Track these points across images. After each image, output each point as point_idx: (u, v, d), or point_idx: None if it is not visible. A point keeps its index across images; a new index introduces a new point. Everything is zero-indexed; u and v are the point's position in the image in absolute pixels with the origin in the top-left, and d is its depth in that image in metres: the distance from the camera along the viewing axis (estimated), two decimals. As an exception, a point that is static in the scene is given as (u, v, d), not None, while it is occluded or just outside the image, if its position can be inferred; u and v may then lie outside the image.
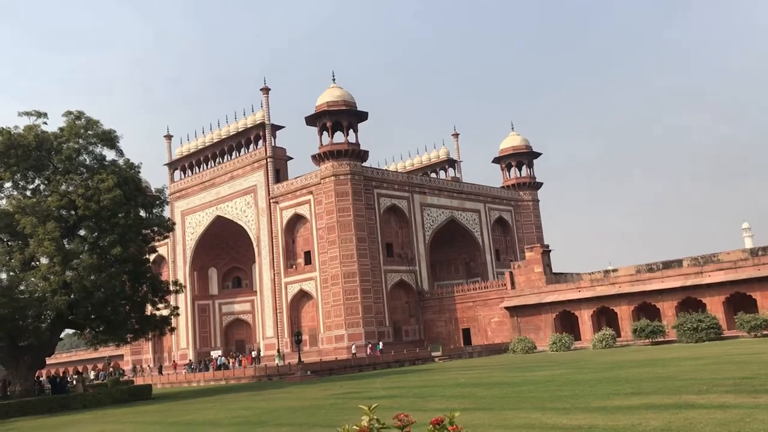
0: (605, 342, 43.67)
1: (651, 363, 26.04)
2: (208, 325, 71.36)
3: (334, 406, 19.92)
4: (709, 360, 24.57)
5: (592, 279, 51.06)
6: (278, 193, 63.43)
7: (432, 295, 62.19)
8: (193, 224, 71.35)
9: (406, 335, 60.42)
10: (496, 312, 56.14)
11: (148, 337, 44.53)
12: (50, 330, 32.26)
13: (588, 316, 48.89)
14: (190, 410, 24.00)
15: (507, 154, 74.78)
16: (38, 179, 33.62)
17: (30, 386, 32.34)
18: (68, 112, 33.60)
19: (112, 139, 33.96)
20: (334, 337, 56.50)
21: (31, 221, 29.88)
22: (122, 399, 31.85)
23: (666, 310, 45.31)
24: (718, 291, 43.53)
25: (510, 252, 72.04)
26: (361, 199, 58.77)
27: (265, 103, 65.41)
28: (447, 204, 67.55)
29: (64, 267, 30.35)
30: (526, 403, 15.77)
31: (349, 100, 59.74)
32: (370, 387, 26.60)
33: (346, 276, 56.70)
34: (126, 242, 32.10)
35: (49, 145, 32.46)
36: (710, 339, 39.12)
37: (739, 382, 15.89)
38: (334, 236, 57.56)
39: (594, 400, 15.16)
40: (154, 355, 73.88)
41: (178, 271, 70.99)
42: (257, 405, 23.25)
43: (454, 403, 17.22)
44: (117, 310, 32.46)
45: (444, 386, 24.14)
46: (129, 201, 32.87)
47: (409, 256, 62.56)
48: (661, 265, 48.16)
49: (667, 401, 13.63)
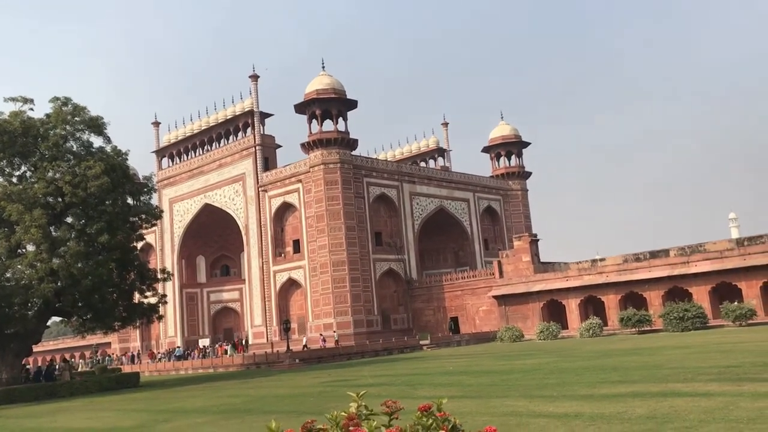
0: (592, 331, 43.96)
1: (637, 352, 26.26)
2: (197, 313, 71.28)
3: (322, 393, 19.98)
4: (694, 349, 24.81)
5: (580, 268, 51.31)
6: (267, 182, 63.23)
7: (421, 283, 62.33)
8: (181, 212, 71.06)
9: (395, 324, 60.59)
10: (484, 301, 56.36)
11: (136, 325, 44.45)
12: (37, 318, 32.11)
13: (575, 305, 49.20)
14: (178, 398, 24.00)
15: (496, 143, 74.82)
16: (25, 166, 33.31)
17: (17, 374, 32.19)
18: (55, 98, 33.26)
19: (100, 125, 33.69)
20: (322, 326, 56.54)
21: (17, 208, 29.64)
22: (110, 387, 31.77)
23: (653, 299, 45.65)
24: (705, 281, 43.90)
25: (498, 241, 72.25)
26: (351, 188, 58.70)
27: (253, 90, 65.04)
28: (436, 193, 67.60)
29: (51, 254, 30.16)
30: (513, 391, 15.88)
31: (338, 88, 59.53)
32: (358, 375, 26.69)
33: (335, 264, 56.72)
34: (113, 230, 31.91)
35: (36, 131, 32.14)
36: (696, 328, 39.46)
37: (723, 371, 16.07)
38: (323, 225, 57.50)
39: (580, 388, 15.29)
40: (142, 342, 73.68)
41: (166, 259, 70.75)
42: (245, 393, 23.27)
43: (442, 390, 17.32)
44: (104, 297, 32.31)
45: (432, 374, 24.27)
46: (116, 188, 32.64)
47: (398, 244, 62.63)
48: (648, 254, 48.44)
49: (653, 389, 13.77)
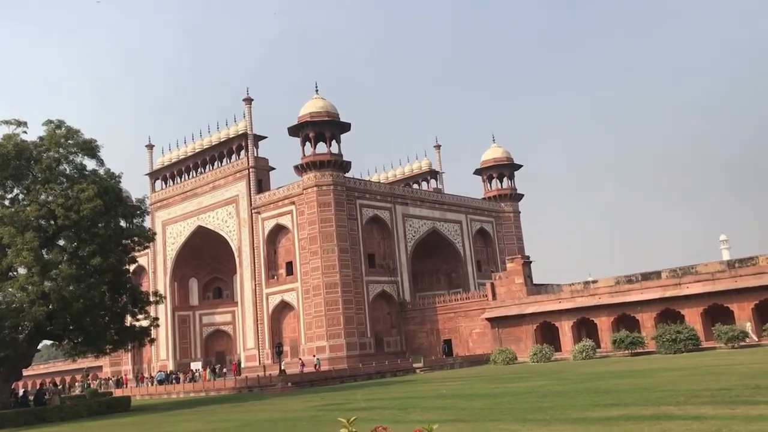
0: (585, 353, 43.93)
1: (630, 374, 26.26)
2: (189, 336, 70.77)
3: (314, 418, 19.87)
4: (687, 371, 24.83)
5: (573, 290, 51.38)
6: (260, 204, 63.27)
7: (414, 306, 62.22)
8: (174, 234, 70.90)
9: (388, 346, 60.35)
10: (478, 323, 56.26)
11: (128, 348, 44.08)
12: (28, 341, 31.80)
13: (568, 327, 49.18)
14: (169, 422, 23.81)
15: (488, 165, 75.24)
16: (17, 188, 33.17)
17: (5, 398, 31.83)
18: (48, 121, 33.29)
19: (93, 148, 33.68)
20: (315, 348, 56.25)
21: (9, 231, 29.53)
22: (100, 411, 31.45)
23: (645, 321, 45.70)
24: (696, 302, 44.00)
25: (491, 263, 72.33)
26: (344, 210, 58.78)
27: (247, 113, 65.37)
28: (429, 215, 67.76)
29: (43, 277, 29.98)
30: (506, 415, 15.85)
31: (331, 111, 59.86)
32: (351, 399, 26.54)
33: (328, 287, 56.59)
34: (106, 252, 31.79)
35: (29, 154, 32.10)
36: (688, 350, 39.48)
37: (716, 394, 16.09)
38: (316, 247, 57.46)
39: (574, 411, 15.28)
40: (133, 366, 73.06)
41: (158, 282, 70.44)
42: (237, 417, 23.12)
43: (435, 414, 17.27)
44: (96, 320, 32.10)
45: (425, 398, 24.18)
46: (109, 211, 32.56)
47: (391, 266, 62.59)
48: (640, 276, 48.59)
49: (646, 412, 13.79)
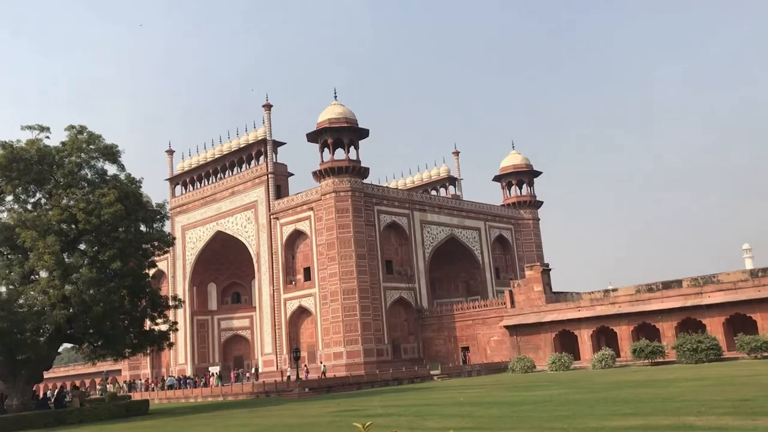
0: (604, 362, 43.52)
1: (650, 384, 25.96)
2: (207, 340, 71.16)
3: (331, 423, 19.85)
4: (708, 381, 24.50)
5: (592, 298, 50.95)
6: (279, 209, 63.53)
7: (431, 313, 62.06)
8: (194, 239, 71.40)
9: (405, 353, 60.22)
10: (496, 331, 55.98)
11: (147, 352, 44.40)
12: (48, 344, 32.18)
13: (587, 336, 48.75)
14: (187, 426, 23.92)
15: (507, 172, 74.97)
16: (39, 193, 33.66)
17: (27, 400, 32.18)
18: (71, 126, 33.75)
19: (114, 153, 34.09)
20: (332, 354, 56.31)
21: (31, 235, 29.92)
22: (119, 414, 31.66)
23: (665, 330, 45.18)
24: (718, 312, 43.43)
25: (510, 270, 71.97)
26: (361, 216, 58.86)
27: (267, 119, 65.74)
28: (447, 222, 67.62)
29: (64, 281, 30.32)
30: (524, 423, 15.73)
31: (350, 117, 60.05)
32: (368, 405, 26.50)
33: (346, 293, 56.64)
34: (126, 257, 32.11)
35: (51, 159, 32.59)
36: (710, 360, 38.98)
37: (737, 404, 15.86)
38: (334, 252, 57.57)
39: (592, 420, 15.13)
40: (152, 370, 73.59)
41: (177, 286, 70.94)
42: (254, 422, 23.16)
43: (452, 422, 17.17)
44: (116, 324, 32.39)
45: (442, 405, 24.07)
46: (129, 215, 32.90)
47: (409, 273, 62.52)
48: (660, 285, 48.07)
49: (665, 422, 13.61)
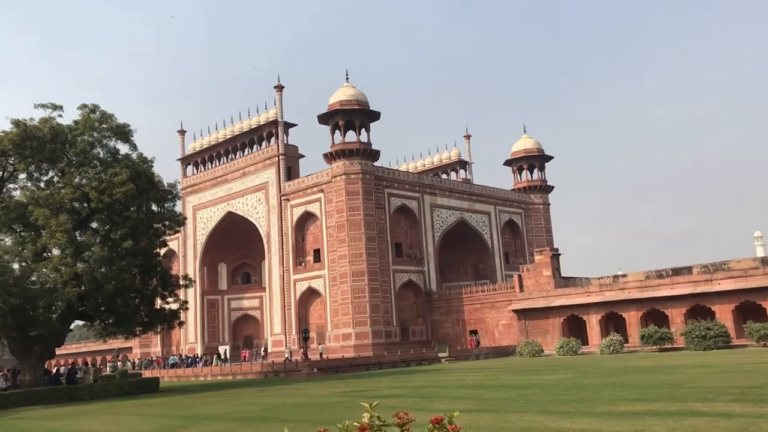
0: (613, 347, 43.55)
1: (658, 370, 25.99)
2: (217, 320, 71.73)
3: (339, 403, 20.03)
4: (716, 368, 24.50)
5: (601, 284, 50.87)
6: (289, 191, 63.64)
7: (440, 296, 62.20)
8: (204, 219, 71.73)
9: (413, 335, 60.47)
10: (504, 315, 56.09)
11: (157, 330, 44.81)
12: (60, 321, 32.53)
13: (596, 321, 48.76)
14: (197, 404, 24.20)
15: (518, 156, 74.63)
16: (52, 171, 33.83)
17: (39, 376, 32.63)
18: (83, 105, 33.78)
19: (126, 133, 34.15)
20: (341, 335, 56.64)
21: (44, 213, 30.12)
22: (130, 391, 32.07)
23: (674, 317, 45.12)
24: (728, 299, 43.30)
25: (519, 255, 71.89)
26: (372, 199, 58.88)
27: (278, 100, 65.69)
28: (457, 205, 67.53)
29: (76, 259, 30.59)
30: (531, 407, 15.82)
31: (361, 99, 59.87)
32: (375, 386, 26.70)
33: (355, 275, 56.84)
34: (137, 236, 32.28)
35: (64, 137, 32.69)
36: (718, 347, 38.94)
37: (745, 391, 15.87)
38: (344, 235, 57.70)
39: (599, 405, 15.19)
40: (162, 348, 74.31)
41: (188, 266, 71.41)
42: (263, 401, 23.40)
43: (458, 404, 17.28)
44: (127, 302, 32.67)
45: (449, 387, 24.22)
46: (141, 195, 33.03)
47: (418, 256, 62.61)
48: (670, 271, 47.93)
49: (672, 408, 13.65)
